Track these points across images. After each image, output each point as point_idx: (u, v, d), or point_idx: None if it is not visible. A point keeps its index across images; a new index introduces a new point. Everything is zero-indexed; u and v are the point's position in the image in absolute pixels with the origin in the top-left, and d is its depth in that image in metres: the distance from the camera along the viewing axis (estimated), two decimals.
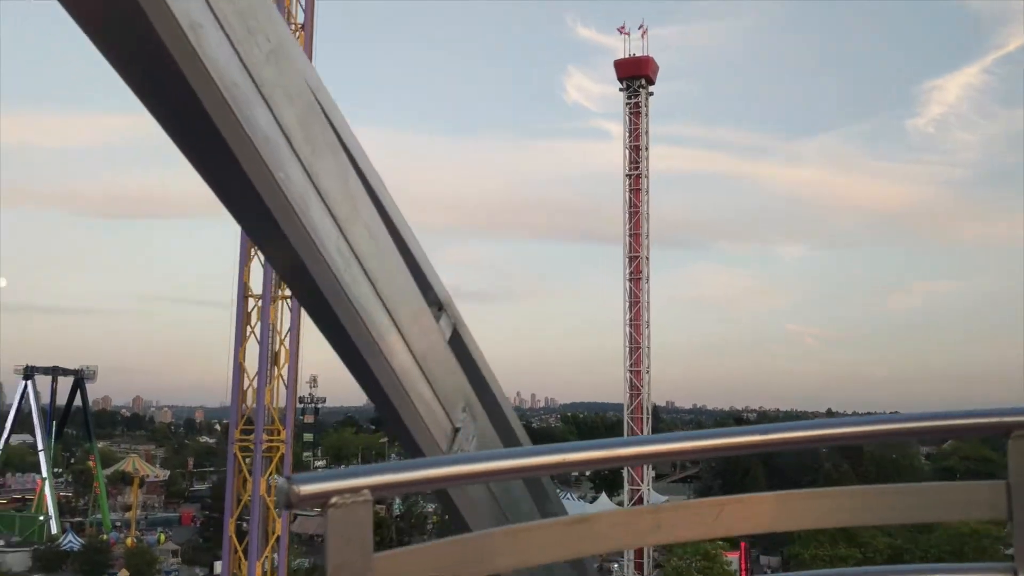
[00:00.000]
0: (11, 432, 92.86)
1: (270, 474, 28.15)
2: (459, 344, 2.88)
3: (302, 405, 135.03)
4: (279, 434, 28.37)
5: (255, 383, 28.99)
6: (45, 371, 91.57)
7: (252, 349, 29.25)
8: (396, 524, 76.26)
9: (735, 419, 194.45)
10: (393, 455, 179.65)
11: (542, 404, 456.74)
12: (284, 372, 28.96)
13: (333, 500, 1.44)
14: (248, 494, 27.71)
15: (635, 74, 65.96)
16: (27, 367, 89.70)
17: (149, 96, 2.12)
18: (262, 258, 28.99)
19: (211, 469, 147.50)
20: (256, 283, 29.02)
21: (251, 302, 28.96)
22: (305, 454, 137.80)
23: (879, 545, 56.23)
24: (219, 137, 2.06)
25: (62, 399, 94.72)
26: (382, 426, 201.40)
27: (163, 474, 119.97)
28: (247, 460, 27.91)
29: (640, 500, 61.18)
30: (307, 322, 30.12)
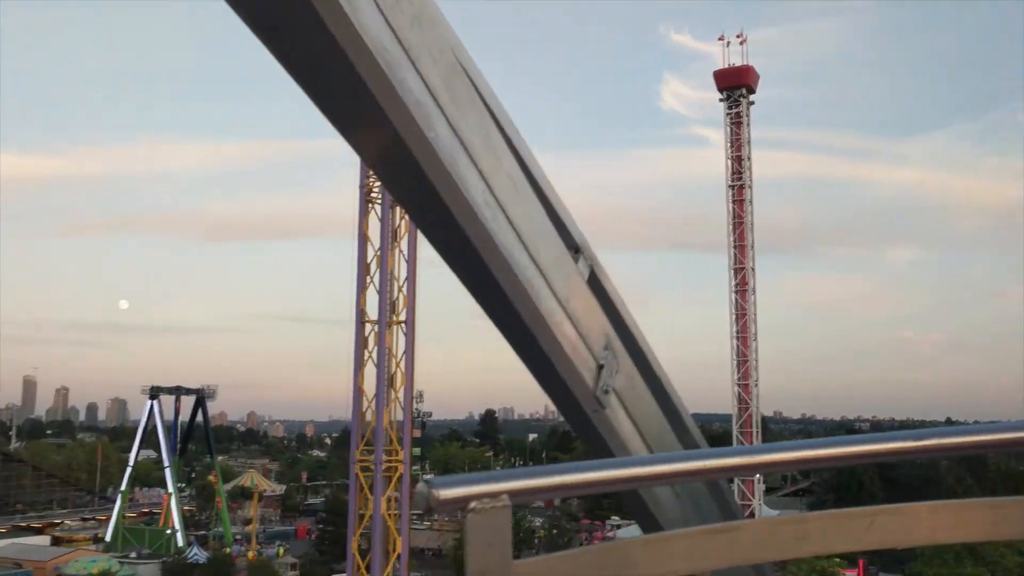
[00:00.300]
0: (139, 449, 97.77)
1: (388, 493, 29.05)
2: (597, 285, 2.98)
3: (416, 419, 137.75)
4: (397, 454, 29.28)
5: (373, 404, 29.99)
6: (169, 391, 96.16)
7: (367, 370, 30.38)
8: None
9: (847, 429, 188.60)
10: (497, 466, 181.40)
11: None
12: (400, 394, 29.87)
13: (472, 505, 1.43)
14: (369, 511, 28.69)
15: (735, 84, 65.32)
16: (152, 387, 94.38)
17: (302, 67, 2.20)
18: (377, 284, 30.06)
19: (323, 483, 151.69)
20: (372, 310, 30.04)
21: (367, 327, 29.97)
22: (413, 468, 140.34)
23: (1009, 564, 53.69)
24: (374, 102, 2.14)
25: (167, 413, 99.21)
26: (486, 439, 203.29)
27: (279, 489, 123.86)
28: (367, 479, 28.89)
29: (752, 515, 60.18)
30: (419, 344, 31.08)
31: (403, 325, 29.96)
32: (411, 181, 2.29)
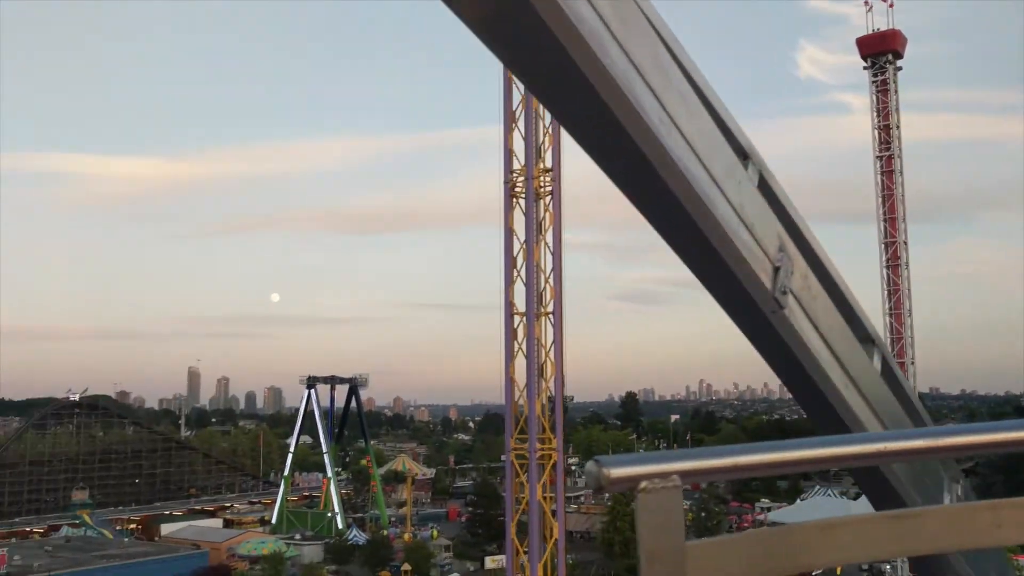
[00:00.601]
0: (299, 436, 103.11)
1: (543, 481, 29.80)
2: (767, 189, 3.04)
3: (551, 403, 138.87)
4: (550, 442, 29.97)
5: (523, 392, 30.77)
6: (324, 380, 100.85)
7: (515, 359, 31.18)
8: None
9: (1014, 406, 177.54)
10: (640, 449, 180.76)
11: (790, 396, 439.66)
12: (551, 383, 30.54)
13: (643, 485, 1.43)
14: (525, 495, 29.55)
15: (881, 50, 62.47)
16: (309, 378, 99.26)
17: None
18: (524, 277, 30.77)
19: (470, 466, 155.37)
20: (520, 301, 30.76)
21: (515, 319, 30.71)
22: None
23: None
24: (548, 31, 2.17)
25: (322, 401, 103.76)
26: (628, 422, 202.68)
27: (429, 472, 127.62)
28: (522, 466, 29.73)
29: None
30: (567, 334, 31.63)
31: (550, 316, 30.53)
32: (589, 110, 2.35)
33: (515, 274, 30.44)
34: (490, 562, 68.18)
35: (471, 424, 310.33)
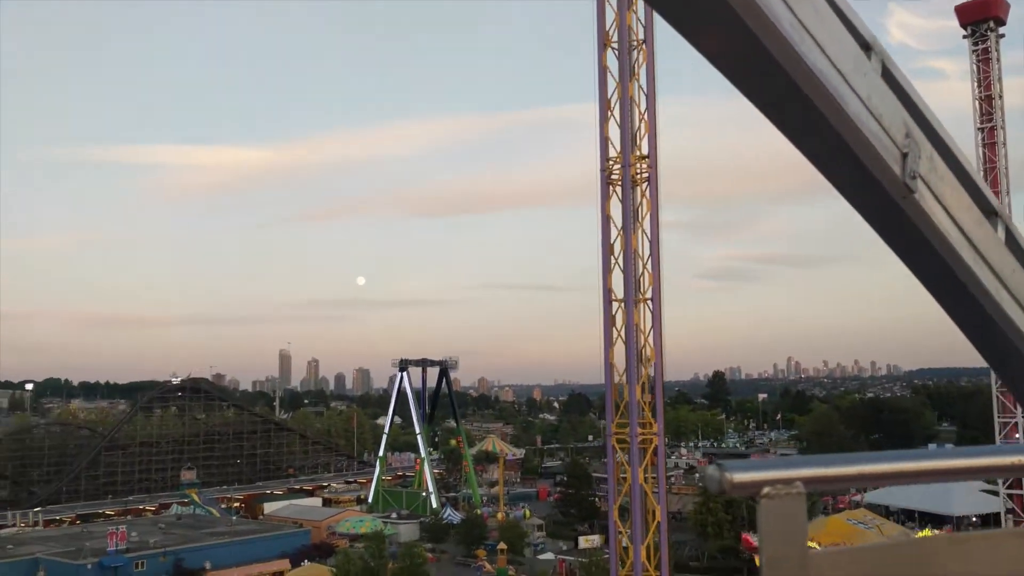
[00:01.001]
0: (392, 417, 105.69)
1: (645, 465, 30.24)
2: (891, 78, 3.04)
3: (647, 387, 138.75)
4: (651, 426, 30.39)
5: (621, 377, 31.21)
6: (416, 363, 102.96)
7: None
8: None
9: None
10: (729, 430, 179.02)
11: (883, 372, 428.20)
12: (650, 368, 30.90)
13: (765, 491, 1.41)
14: (628, 478, 30.06)
15: (982, 17, 60.29)
16: (401, 360, 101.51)
17: None
18: (622, 265, 31.11)
19: (557, 446, 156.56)
20: (618, 288, 31.13)
21: (614, 305, 31.12)
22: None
23: None
24: None
25: (403, 385, 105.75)
26: (715, 401, 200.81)
27: (519, 453, 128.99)
28: (623, 450, 30.23)
29: None
30: (665, 318, 31.89)
31: (649, 302, 30.86)
32: (721, 22, 2.35)
33: (613, 263, 30.82)
34: (584, 542, 68.91)
35: (556, 404, 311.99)
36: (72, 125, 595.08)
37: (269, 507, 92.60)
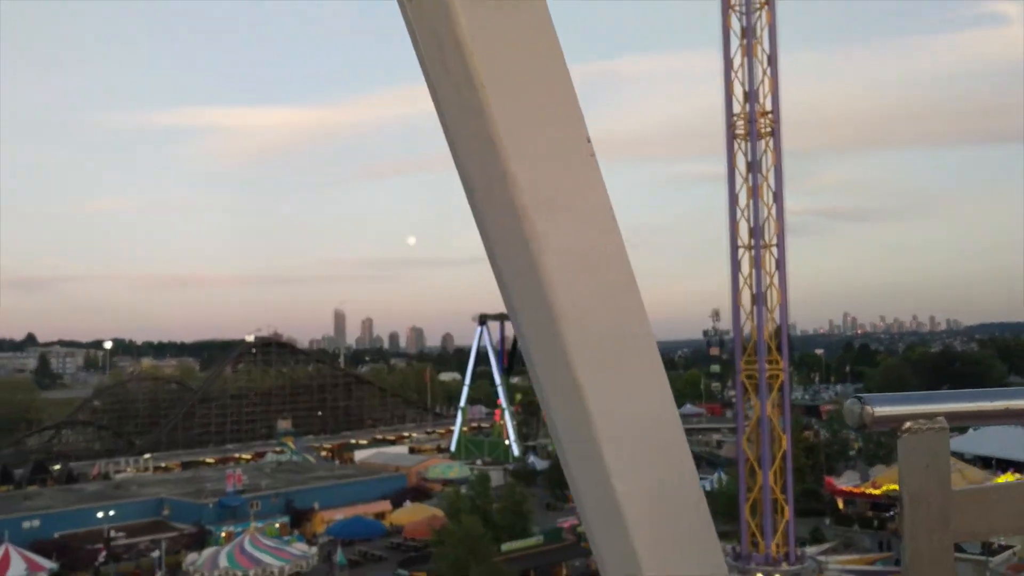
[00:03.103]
0: (473, 369, 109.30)
1: (772, 399, 32.80)
2: None
3: (706, 338, 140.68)
4: (777, 363, 32.87)
5: (744, 319, 33.67)
6: (494, 317, 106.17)
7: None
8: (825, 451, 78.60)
9: None
10: (794, 383, 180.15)
11: (943, 327, 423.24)
12: (775, 313, 33.33)
13: (907, 425, 1.33)
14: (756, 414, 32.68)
15: None
16: (481, 315, 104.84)
17: None
18: (750, 216, 33.39)
19: None
20: (744, 235, 33.44)
21: (740, 251, 33.47)
22: (713, 384, 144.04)
23: None
24: None
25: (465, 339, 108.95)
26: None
27: None
28: (752, 385, 32.83)
29: None
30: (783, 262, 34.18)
31: (774, 248, 33.18)
32: None
33: (740, 214, 33.15)
34: None
35: None
36: (128, 91, 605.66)
37: (359, 455, 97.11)
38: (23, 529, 60.52)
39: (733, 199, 33.52)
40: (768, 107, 33.65)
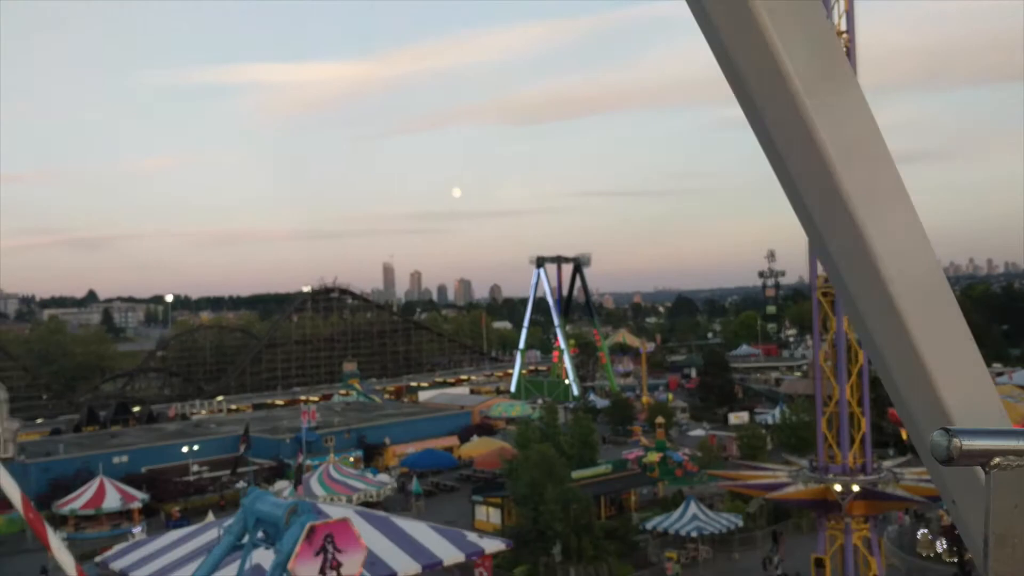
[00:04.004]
0: (531, 312, 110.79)
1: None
2: None
3: (762, 279, 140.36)
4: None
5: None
6: (551, 260, 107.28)
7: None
8: None
9: None
10: None
11: (1001, 269, 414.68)
12: None
13: (996, 460, 1.27)
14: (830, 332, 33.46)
15: None
16: (538, 258, 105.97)
17: None
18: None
19: (676, 343, 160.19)
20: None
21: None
22: (769, 325, 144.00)
23: None
24: None
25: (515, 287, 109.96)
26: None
27: (648, 346, 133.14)
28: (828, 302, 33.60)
29: None
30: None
31: None
32: None
33: None
34: (733, 418, 72.90)
35: (660, 309, 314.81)
36: (174, 50, 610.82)
37: (422, 395, 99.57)
38: (113, 464, 63.73)
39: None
40: (843, 27, 33.82)
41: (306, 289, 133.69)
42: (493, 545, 38.52)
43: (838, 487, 32.37)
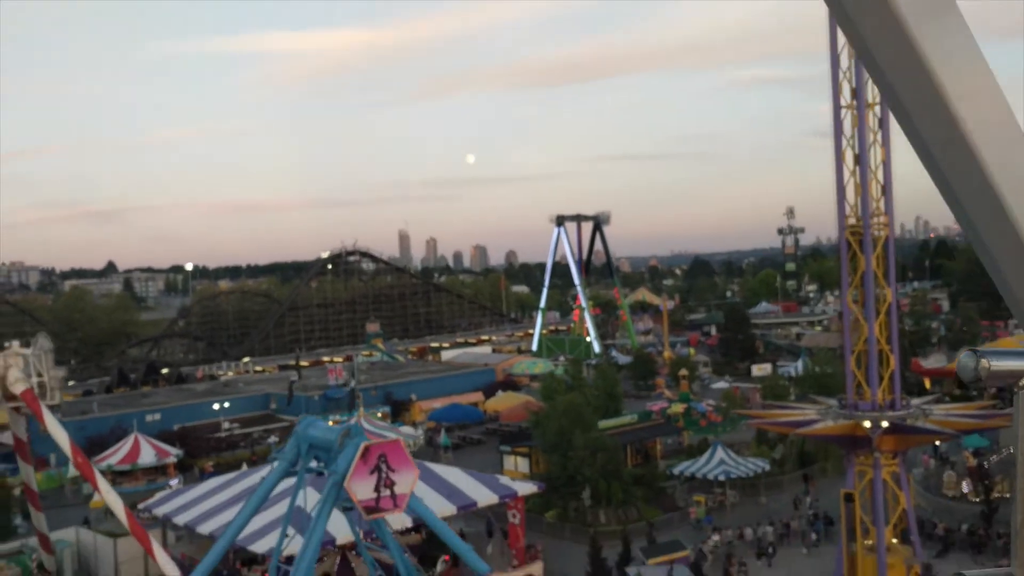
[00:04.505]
0: (551, 272, 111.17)
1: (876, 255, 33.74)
2: None
3: (781, 235, 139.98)
4: (882, 216, 33.73)
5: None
6: (571, 218, 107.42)
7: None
8: None
9: None
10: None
11: None
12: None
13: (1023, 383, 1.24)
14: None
15: None
16: (558, 216, 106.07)
17: None
18: (851, 77, 33.82)
19: (696, 303, 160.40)
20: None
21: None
22: (788, 282, 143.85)
23: None
24: None
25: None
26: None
27: (669, 304, 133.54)
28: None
29: None
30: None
31: (876, 108, 33.71)
32: None
33: (840, 74, 33.58)
34: (756, 370, 73.32)
35: (678, 272, 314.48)
36: (187, 20, 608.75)
37: (445, 355, 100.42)
38: (146, 422, 64.93)
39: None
40: None
41: (324, 255, 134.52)
42: (526, 488, 39.33)
43: (867, 423, 32.80)
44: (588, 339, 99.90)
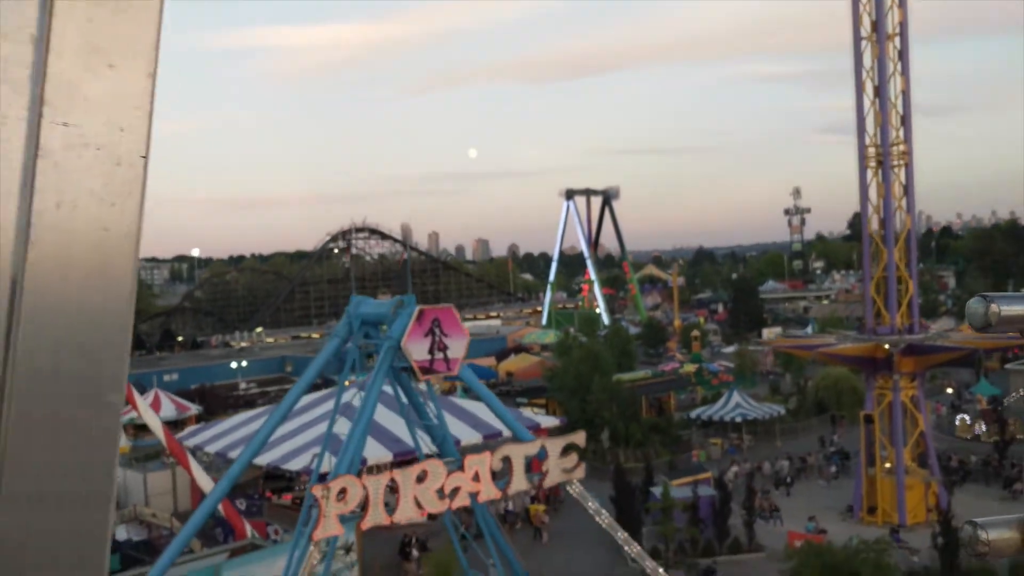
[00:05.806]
0: (561, 245, 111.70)
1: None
2: None
3: (788, 216, 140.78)
4: (901, 143, 34.47)
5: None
6: (580, 192, 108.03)
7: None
8: None
9: None
10: None
11: None
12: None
13: None
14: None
15: None
16: (568, 190, 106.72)
17: None
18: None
19: (700, 282, 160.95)
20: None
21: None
22: (795, 261, 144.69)
23: None
24: None
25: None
26: (857, 240, 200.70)
27: (678, 280, 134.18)
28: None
29: None
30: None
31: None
32: None
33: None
34: (768, 333, 74.02)
35: (681, 262, 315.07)
36: (189, 14, 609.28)
37: None
38: (164, 381, 65.73)
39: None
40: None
41: (332, 232, 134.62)
42: (548, 421, 40.10)
43: (887, 345, 33.59)
44: (597, 310, 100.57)
